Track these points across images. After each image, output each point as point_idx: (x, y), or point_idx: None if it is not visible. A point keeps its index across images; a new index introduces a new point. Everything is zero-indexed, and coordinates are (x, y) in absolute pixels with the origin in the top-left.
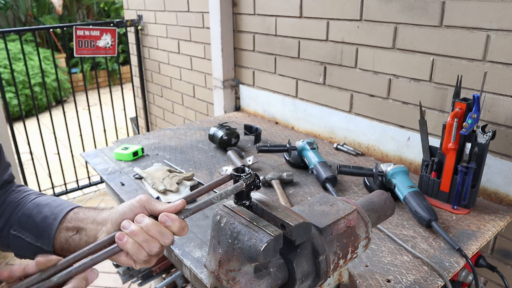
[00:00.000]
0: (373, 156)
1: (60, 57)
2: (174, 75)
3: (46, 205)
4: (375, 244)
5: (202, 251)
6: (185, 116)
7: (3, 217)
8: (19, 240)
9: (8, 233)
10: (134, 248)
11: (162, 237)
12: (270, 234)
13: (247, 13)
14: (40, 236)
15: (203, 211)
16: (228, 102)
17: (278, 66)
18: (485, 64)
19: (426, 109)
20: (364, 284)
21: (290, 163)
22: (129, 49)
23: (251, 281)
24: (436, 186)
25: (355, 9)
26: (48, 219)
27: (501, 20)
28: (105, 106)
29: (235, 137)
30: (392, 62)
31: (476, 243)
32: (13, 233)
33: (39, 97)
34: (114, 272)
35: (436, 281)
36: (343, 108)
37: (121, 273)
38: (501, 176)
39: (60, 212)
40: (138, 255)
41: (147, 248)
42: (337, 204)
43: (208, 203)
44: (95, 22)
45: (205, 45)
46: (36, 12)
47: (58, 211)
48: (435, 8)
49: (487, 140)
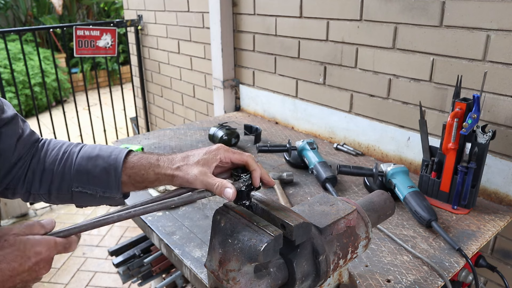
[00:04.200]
0: (373, 156)
1: (60, 57)
2: (174, 75)
3: (97, 158)
4: (375, 244)
5: (202, 251)
6: (185, 116)
7: (56, 178)
8: (85, 195)
9: (69, 191)
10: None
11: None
12: (270, 234)
13: (247, 13)
14: (107, 187)
15: (203, 211)
16: (228, 102)
17: (278, 66)
18: (485, 64)
19: (426, 109)
20: (364, 284)
21: (290, 163)
22: (129, 49)
23: (251, 281)
24: (436, 186)
25: (355, 9)
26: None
27: (501, 20)
28: (105, 106)
29: (235, 137)
30: (392, 62)
31: (476, 243)
32: (76, 190)
33: (39, 97)
34: (114, 272)
35: (436, 281)
36: (343, 108)
37: (121, 273)
38: (501, 176)
39: (115, 162)
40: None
41: None
42: (337, 204)
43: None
44: (95, 22)
45: (205, 45)
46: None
47: (113, 161)
48: (435, 8)
49: (487, 140)
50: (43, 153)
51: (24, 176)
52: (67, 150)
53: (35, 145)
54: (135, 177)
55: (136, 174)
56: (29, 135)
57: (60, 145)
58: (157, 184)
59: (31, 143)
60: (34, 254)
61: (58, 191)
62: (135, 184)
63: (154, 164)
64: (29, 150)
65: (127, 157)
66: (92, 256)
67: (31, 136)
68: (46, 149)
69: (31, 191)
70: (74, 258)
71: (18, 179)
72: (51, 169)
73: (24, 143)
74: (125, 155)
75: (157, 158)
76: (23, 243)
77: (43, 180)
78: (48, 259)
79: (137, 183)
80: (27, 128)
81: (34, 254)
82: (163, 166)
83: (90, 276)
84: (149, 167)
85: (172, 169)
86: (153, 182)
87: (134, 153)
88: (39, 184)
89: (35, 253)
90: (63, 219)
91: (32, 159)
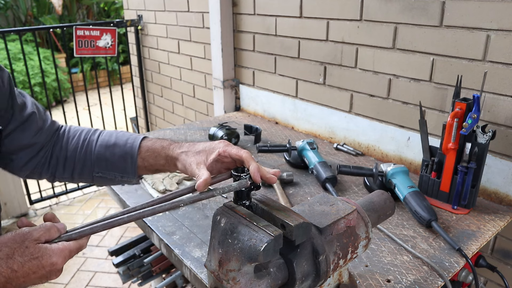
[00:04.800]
0: (373, 156)
1: (60, 57)
2: (174, 75)
3: (114, 146)
4: (375, 244)
5: (202, 251)
6: (185, 116)
7: (78, 165)
8: (105, 179)
9: (90, 175)
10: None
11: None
12: (270, 234)
13: (247, 13)
14: (124, 172)
15: (203, 211)
16: (228, 102)
17: (278, 66)
18: (485, 64)
19: (426, 109)
20: (364, 284)
21: (290, 163)
22: (129, 49)
23: (251, 281)
24: (436, 186)
25: (355, 9)
26: (126, 157)
27: (501, 20)
28: (105, 106)
29: (235, 137)
30: (392, 62)
31: (476, 243)
32: (97, 175)
33: (39, 97)
34: (114, 272)
35: (436, 281)
36: (343, 108)
37: (121, 273)
38: (501, 176)
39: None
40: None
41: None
42: (337, 204)
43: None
44: (95, 22)
45: (205, 45)
46: (36, 12)
47: (129, 149)
48: (435, 8)
49: (487, 140)
50: (64, 140)
51: (48, 162)
52: (86, 138)
53: (56, 134)
54: (148, 159)
55: (150, 157)
56: (51, 125)
57: (79, 133)
58: (166, 168)
59: (52, 132)
60: (50, 264)
61: (80, 175)
62: (148, 167)
63: (165, 147)
64: (51, 139)
65: (142, 142)
66: (92, 256)
67: (52, 126)
68: (67, 136)
69: (55, 175)
70: (74, 258)
71: (43, 165)
72: (73, 156)
73: (46, 134)
74: (140, 141)
75: (169, 143)
76: (41, 252)
77: (66, 166)
78: (61, 268)
79: (150, 165)
80: (48, 119)
81: (49, 265)
82: (172, 149)
83: (90, 276)
84: (161, 150)
85: (178, 153)
86: (163, 166)
87: (148, 138)
88: (63, 170)
89: (51, 264)
90: (63, 219)
91: (55, 147)
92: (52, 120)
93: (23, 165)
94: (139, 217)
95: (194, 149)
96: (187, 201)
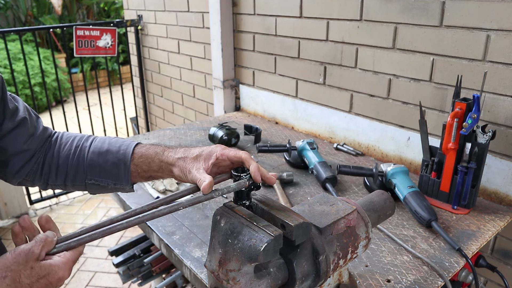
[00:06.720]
0: (373, 156)
1: (60, 57)
2: (174, 75)
3: (107, 153)
4: (375, 244)
5: (202, 251)
6: (185, 116)
7: (70, 172)
8: (98, 186)
9: (82, 183)
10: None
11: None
12: (270, 234)
13: (247, 13)
14: (117, 179)
15: (203, 211)
16: (228, 102)
17: (278, 66)
18: (485, 64)
19: (426, 109)
20: (364, 284)
21: (290, 163)
22: (129, 49)
23: (251, 281)
24: (436, 186)
25: (355, 9)
26: (119, 164)
27: (501, 20)
28: (105, 106)
29: (235, 137)
30: (392, 62)
31: (476, 243)
32: (89, 182)
33: (39, 97)
34: (114, 272)
35: (436, 281)
36: (343, 108)
37: (121, 273)
38: (501, 176)
39: (124, 156)
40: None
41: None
42: (337, 204)
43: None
44: (95, 22)
45: (205, 45)
46: (36, 12)
47: (122, 156)
48: (435, 8)
49: (487, 140)
50: (56, 148)
51: (41, 169)
52: (79, 145)
53: (48, 140)
54: (142, 165)
55: (143, 163)
56: (42, 132)
57: (72, 139)
58: (160, 175)
59: (44, 139)
60: (57, 280)
61: (73, 182)
62: (141, 174)
63: (159, 153)
64: (43, 145)
65: (135, 149)
66: (92, 256)
67: (44, 132)
68: (59, 143)
69: (48, 182)
70: None
71: (35, 172)
72: (66, 163)
73: (38, 140)
74: (133, 148)
75: (163, 149)
76: (47, 270)
77: (59, 173)
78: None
79: (143, 172)
80: (40, 125)
81: (57, 280)
82: (167, 155)
83: (90, 276)
84: (155, 156)
85: (175, 159)
86: (157, 172)
87: (141, 144)
88: (55, 177)
89: (58, 279)
90: (63, 219)
91: (47, 154)
92: (44, 126)
93: (16, 172)
94: (138, 222)
95: (190, 154)
96: (186, 204)
